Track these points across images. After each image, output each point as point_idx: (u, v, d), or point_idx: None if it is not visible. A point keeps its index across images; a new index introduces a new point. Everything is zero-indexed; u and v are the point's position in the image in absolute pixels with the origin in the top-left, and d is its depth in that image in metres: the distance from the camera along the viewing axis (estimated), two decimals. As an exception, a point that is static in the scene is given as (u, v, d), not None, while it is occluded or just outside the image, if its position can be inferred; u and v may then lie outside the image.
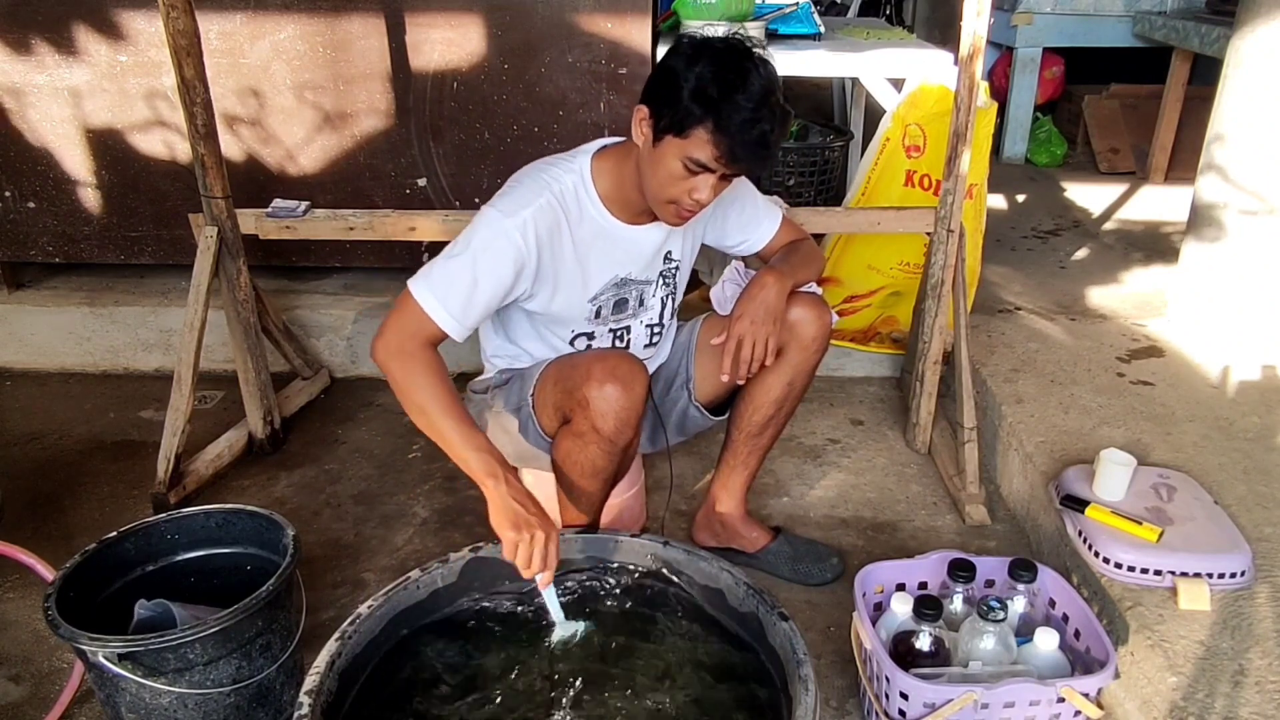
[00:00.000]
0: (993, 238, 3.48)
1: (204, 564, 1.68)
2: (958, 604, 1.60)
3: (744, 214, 1.86)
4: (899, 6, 6.17)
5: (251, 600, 1.44)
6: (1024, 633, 1.55)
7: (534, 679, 1.44)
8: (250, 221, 2.33)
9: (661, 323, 1.86)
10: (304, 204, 2.35)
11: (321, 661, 1.29)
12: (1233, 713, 1.42)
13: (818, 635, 1.83)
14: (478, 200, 2.83)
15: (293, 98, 2.72)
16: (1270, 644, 1.54)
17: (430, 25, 2.64)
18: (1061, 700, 1.40)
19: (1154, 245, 3.57)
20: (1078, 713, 1.42)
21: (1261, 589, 1.65)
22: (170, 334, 2.87)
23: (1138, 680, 1.56)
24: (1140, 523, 1.72)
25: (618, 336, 1.81)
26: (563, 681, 1.43)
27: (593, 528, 1.74)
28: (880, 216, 2.40)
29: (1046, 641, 1.49)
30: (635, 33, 2.64)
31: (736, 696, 1.40)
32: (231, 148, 2.74)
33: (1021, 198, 4.23)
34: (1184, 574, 1.65)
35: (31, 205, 2.85)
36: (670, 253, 1.78)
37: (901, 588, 1.66)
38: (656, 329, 1.86)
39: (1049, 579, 1.63)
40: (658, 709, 1.38)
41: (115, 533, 1.60)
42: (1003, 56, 5.00)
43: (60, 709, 1.60)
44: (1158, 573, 1.66)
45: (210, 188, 2.21)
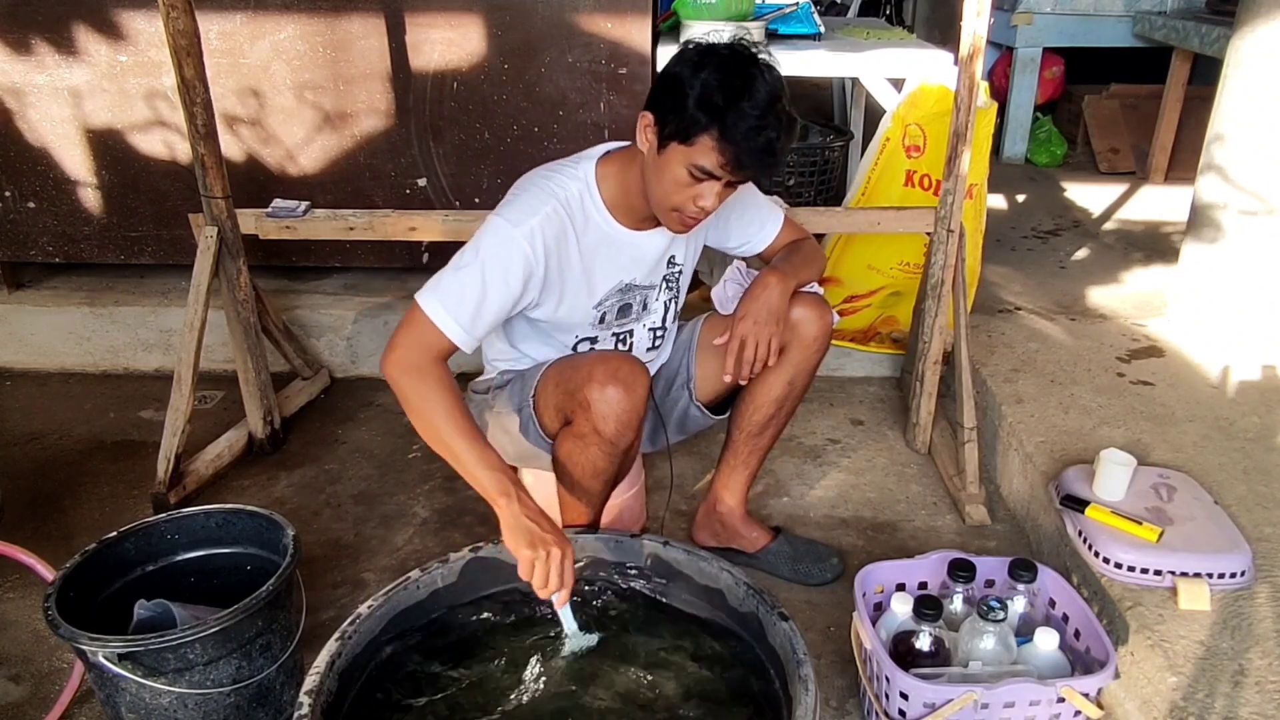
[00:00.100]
0: (993, 238, 3.48)
1: (204, 564, 1.68)
2: (958, 604, 1.60)
3: (746, 216, 1.85)
4: (899, 6, 6.17)
5: (251, 600, 1.44)
6: (1024, 633, 1.55)
7: (534, 679, 1.44)
8: (250, 221, 2.33)
9: (664, 326, 1.86)
10: (304, 204, 2.35)
11: (321, 661, 1.29)
12: (1233, 713, 1.42)
13: (818, 635, 1.83)
14: (478, 200, 2.84)
15: (293, 98, 2.72)
16: (1270, 644, 1.54)
17: (430, 25, 2.64)
18: (1061, 700, 1.40)
19: (1154, 245, 3.57)
20: (1078, 713, 1.42)
21: (1261, 589, 1.65)
22: (170, 334, 2.88)
23: (1138, 680, 1.56)
24: (1140, 523, 1.72)
25: (620, 340, 1.81)
26: (563, 681, 1.43)
27: (593, 528, 1.74)
28: (880, 216, 2.40)
29: (1046, 641, 1.49)
30: (635, 33, 2.64)
31: (736, 697, 1.40)
32: (231, 148, 2.74)
33: (1021, 198, 4.23)
34: (1184, 574, 1.65)
35: (31, 205, 2.85)
36: (674, 257, 1.78)
37: (901, 588, 1.66)
38: (659, 332, 1.86)
39: (1049, 579, 1.63)
40: (658, 708, 1.38)
41: (115, 533, 1.60)
42: (1003, 56, 5.00)
43: (60, 709, 1.60)
44: (1158, 573, 1.66)
45: (210, 188, 2.21)
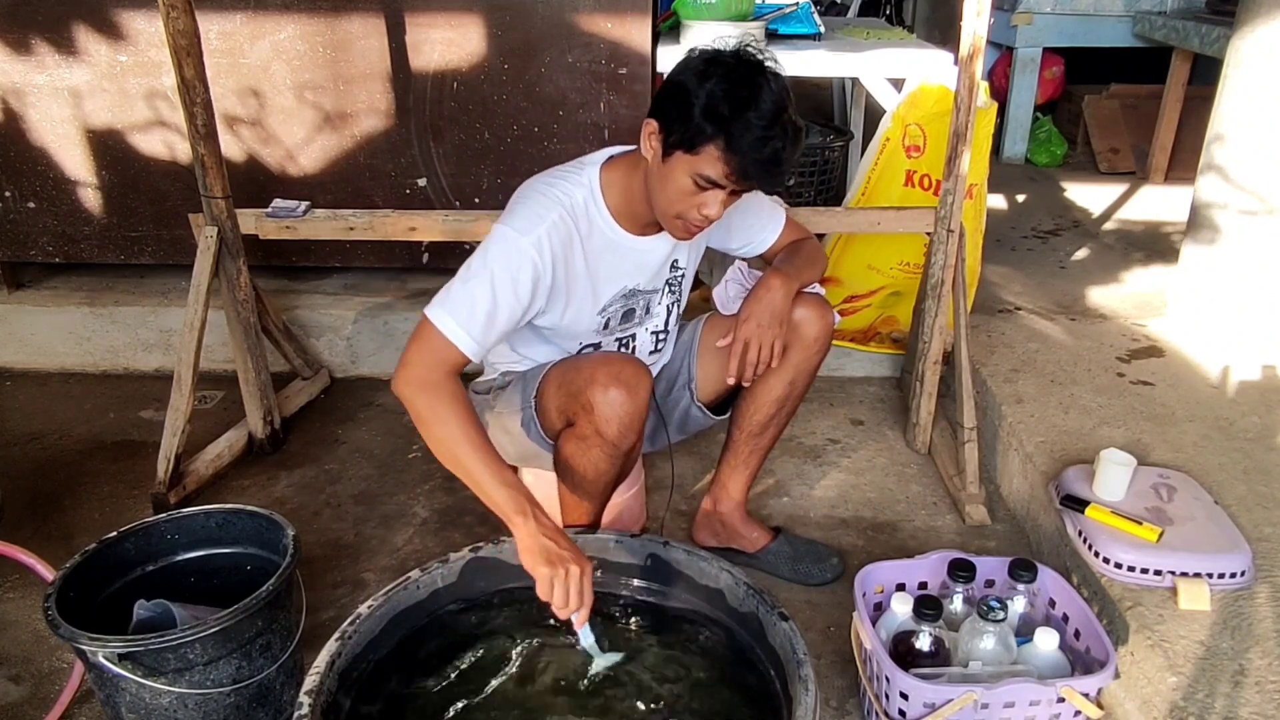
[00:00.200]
0: (993, 238, 3.48)
1: (204, 564, 1.68)
2: (958, 604, 1.60)
3: (748, 217, 1.85)
4: (899, 6, 6.17)
5: (251, 600, 1.44)
6: (1024, 633, 1.55)
7: (535, 679, 1.44)
8: (250, 221, 2.33)
9: (666, 329, 1.87)
10: (304, 204, 2.35)
11: (321, 661, 1.29)
12: (1233, 713, 1.42)
13: (818, 635, 1.83)
14: (478, 200, 2.84)
15: (293, 98, 2.72)
16: (1270, 644, 1.54)
17: (430, 25, 2.64)
18: (1061, 700, 1.40)
19: (1154, 245, 3.57)
20: (1078, 713, 1.42)
21: (1261, 589, 1.65)
22: (170, 334, 2.87)
23: (1138, 680, 1.56)
24: (1140, 523, 1.72)
25: (623, 345, 1.81)
26: (563, 681, 1.43)
27: (593, 528, 1.74)
28: (880, 216, 2.39)
29: (1046, 641, 1.49)
30: (635, 33, 2.64)
31: (736, 696, 1.41)
32: (231, 148, 2.74)
33: (1021, 198, 4.23)
34: (1184, 574, 1.65)
35: (31, 205, 2.85)
36: (677, 261, 1.78)
37: (901, 588, 1.66)
38: (661, 335, 1.87)
39: (1049, 579, 1.63)
40: (658, 708, 1.38)
41: (115, 533, 1.60)
42: (1003, 56, 5.00)
43: (60, 709, 1.60)
44: (1158, 573, 1.66)
45: (210, 188, 2.21)
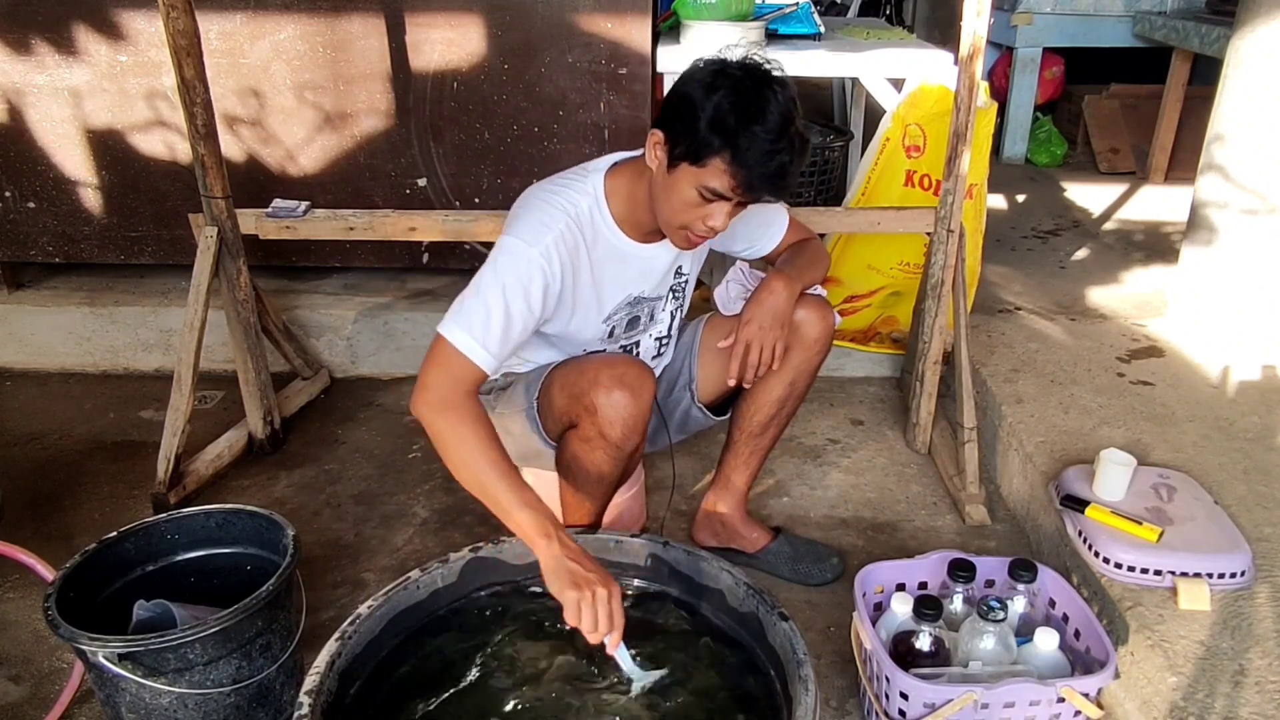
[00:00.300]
0: (993, 238, 3.48)
1: (204, 564, 1.68)
2: (958, 604, 1.60)
3: (752, 221, 1.83)
4: (899, 6, 6.17)
5: (251, 600, 1.44)
6: (1024, 633, 1.55)
7: (534, 679, 1.43)
8: (250, 221, 2.33)
9: (669, 334, 1.87)
10: (304, 204, 2.35)
11: (321, 661, 1.29)
12: (1233, 713, 1.42)
13: (818, 635, 1.83)
14: (478, 200, 2.84)
15: (293, 98, 2.72)
16: (1270, 644, 1.54)
17: (430, 25, 2.64)
18: (1061, 700, 1.40)
19: (1154, 245, 3.57)
20: (1078, 713, 1.42)
21: (1261, 589, 1.65)
22: (170, 334, 2.87)
23: (1138, 680, 1.56)
24: (1140, 523, 1.72)
25: (627, 351, 1.81)
26: (563, 681, 1.43)
27: (594, 528, 1.74)
28: (880, 216, 2.39)
29: (1046, 641, 1.49)
30: (635, 33, 2.64)
31: (736, 697, 1.40)
32: (231, 148, 2.74)
33: (1021, 198, 4.23)
34: (1184, 574, 1.65)
35: (31, 205, 2.85)
36: (681, 267, 1.78)
37: (901, 588, 1.66)
38: (664, 340, 1.87)
39: (1049, 579, 1.63)
40: (658, 708, 1.38)
41: (115, 533, 1.60)
42: (1003, 56, 5.00)
43: (60, 709, 1.60)
44: (1158, 573, 1.66)
45: (210, 188, 2.21)
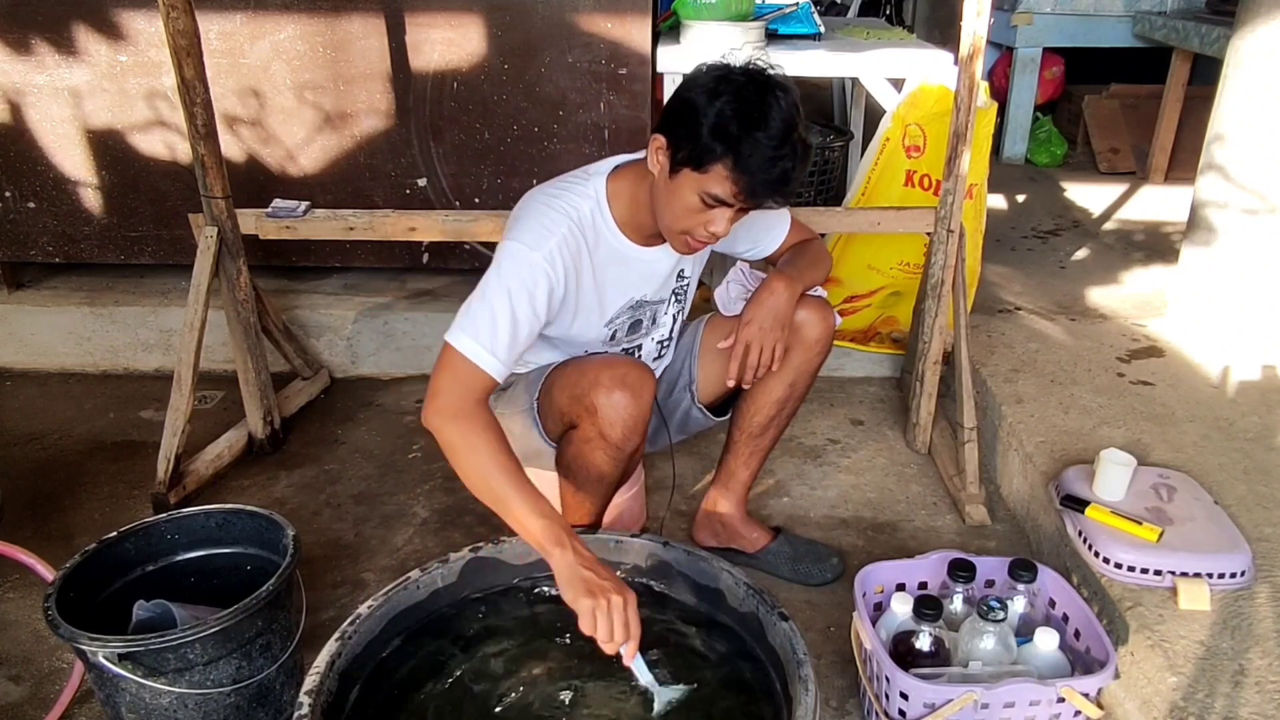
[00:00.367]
0: (993, 238, 3.48)
1: (204, 564, 1.68)
2: (958, 604, 1.60)
3: (753, 223, 1.82)
4: (899, 6, 6.17)
5: (251, 600, 1.44)
6: (1024, 633, 1.55)
7: (534, 679, 1.44)
8: (250, 221, 2.33)
9: (671, 337, 1.87)
10: (304, 204, 2.35)
11: (321, 661, 1.29)
12: (1233, 713, 1.42)
13: (818, 635, 1.83)
14: (478, 200, 2.84)
15: (293, 98, 2.72)
16: (1270, 644, 1.54)
17: (430, 25, 2.64)
18: (1061, 700, 1.40)
19: (1154, 245, 3.57)
20: (1078, 713, 1.42)
21: (1261, 589, 1.65)
22: (170, 334, 2.87)
23: (1138, 680, 1.56)
24: (1140, 523, 1.72)
25: (628, 353, 1.81)
26: (563, 682, 1.43)
27: (594, 528, 1.74)
28: (880, 216, 2.39)
29: (1046, 641, 1.49)
30: (635, 33, 2.64)
31: (736, 697, 1.40)
32: (231, 148, 2.74)
33: (1021, 198, 4.23)
34: (1184, 574, 1.65)
35: (31, 205, 2.85)
36: (683, 271, 1.78)
37: (901, 588, 1.66)
38: (665, 343, 1.87)
39: (1049, 579, 1.63)
40: (658, 710, 1.38)
41: (115, 533, 1.60)
42: (1003, 56, 5.00)
43: (60, 709, 1.60)
44: (1158, 573, 1.66)
45: (210, 188, 2.21)
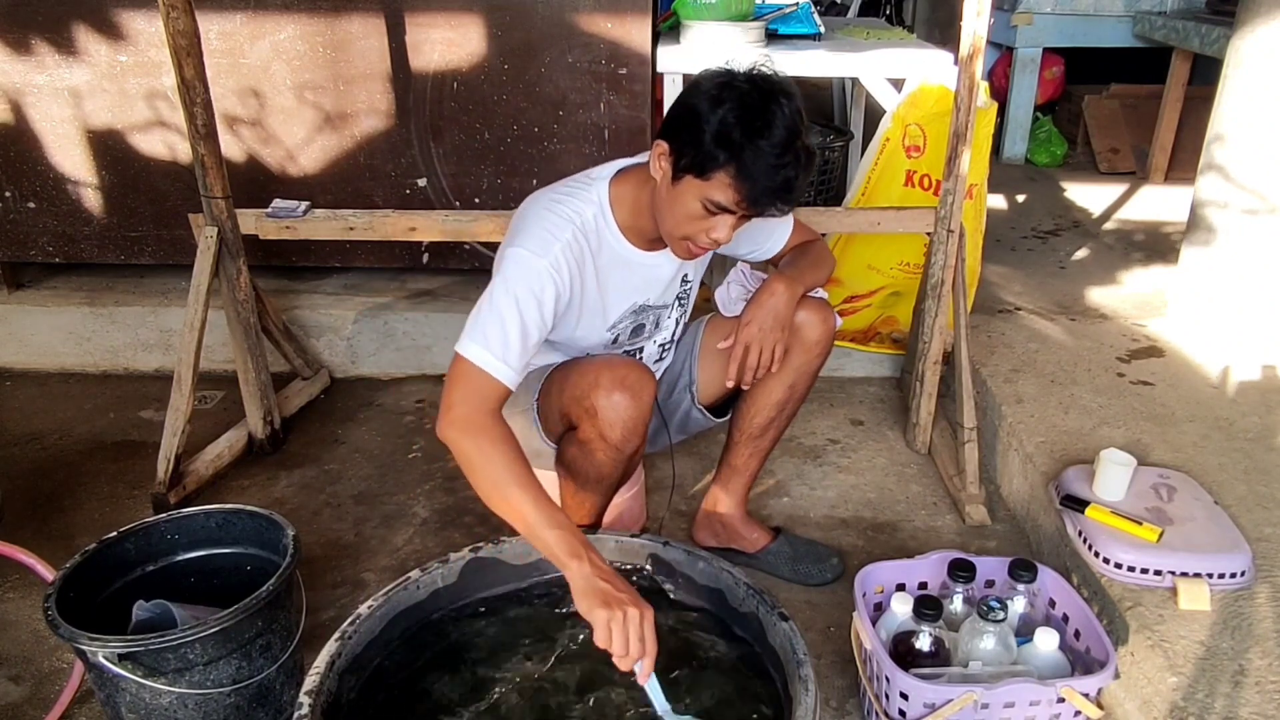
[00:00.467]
0: (993, 238, 3.48)
1: (204, 564, 1.68)
2: (958, 604, 1.60)
3: (756, 227, 1.80)
4: (899, 6, 6.17)
5: (251, 600, 1.44)
6: (1024, 633, 1.55)
7: (535, 679, 1.44)
8: (250, 221, 2.33)
9: (673, 340, 1.87)
10: (304, 204, 2.35)
11: (321, 661, 1.29)
12: (1233, 713, 1.42)
13: (818, 635, 1.83)
14: (478, 200, 2.84)
15: (293, 98, 2.72)
16: (1270, 644, 1.54)
17: (430, 25, 2.64)
18: (1061, 700, 1.40)
19: (1154, 245, 3.57)
20: (1078, 713, 1.42)
21: (1261, 589, 1.65)
22: (170, 334, 2.87)
23: (1138, 680, 1.56)
24: (1140, 523, 1.72)
25: (629, 355, 1.81)
26: (563, 682, 1.43)
27: (594, 528, 1.74)
28: (880, 216, 2.39)
29: (1046, 641, 1.49)
30: (635, 33, 2.64)
31: (736, 697, 1.40)
32: (231, 148, 2.74)
33: (1021, 198, 4.23)
34: (1184, 574, 1.65)
35: (31, 205, 2.85)
36: (686, 275, 1.78)
37: (901, 588, 1.66)
38: (667, 346, 1.87)
39: (1049, 579, 1.63)
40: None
41: (115, 533, 1.60)
42: (1003, 56, 5.00)
43: (60, 709, 1.60)
44: (1158, 573, 1.66)
45: (210, 188, 2.21)
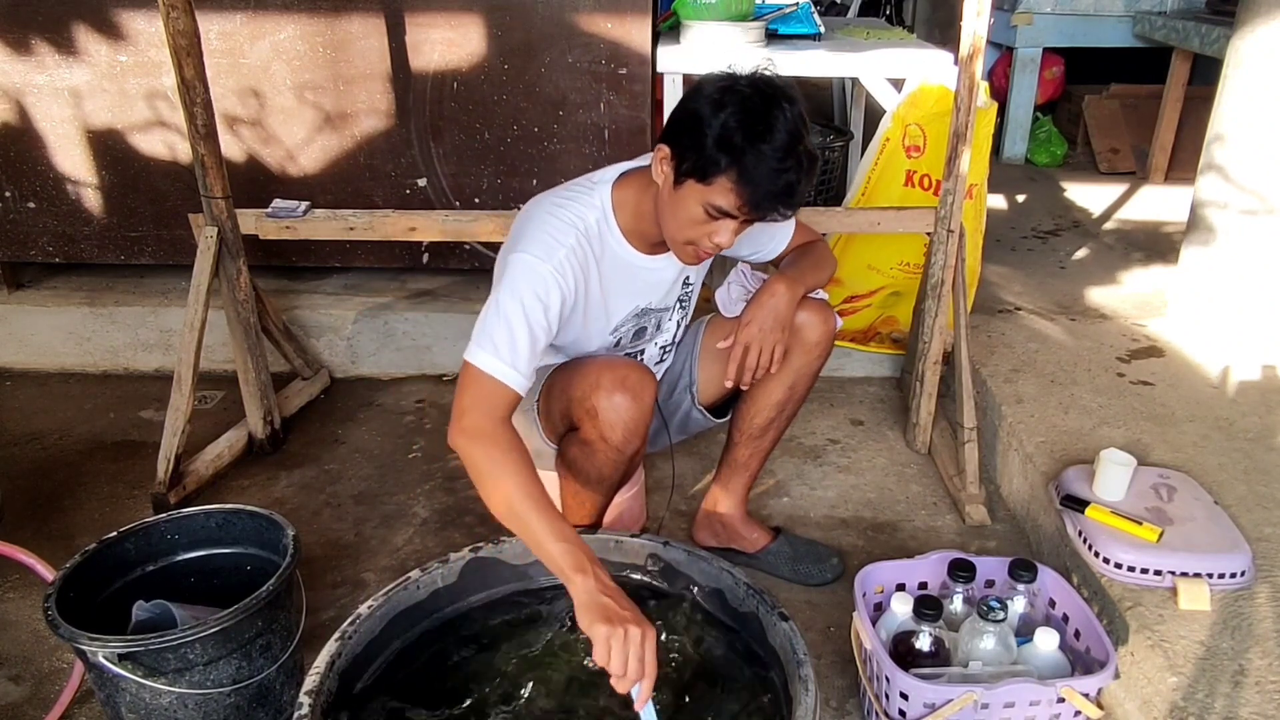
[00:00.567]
0: (993, 238, 3.48)
1: (204, 564, 1.68)
2: (958, 604, 1.60)
3: (758, 229, 1.78)
4: (899, 6, 6.17)
5: (251, 600, 1.44)
6: (1024, 633, 1.55)
7: (534, 680, 1.43)
8: (250, 221, 2.33)
9: (674, 342, 1.87)
10: (304, 204, 2.35)
11: (321, 661, 1.29)
12: (1233, 713, 1.42)
13: (818, 635, 1.83)
14: (478, 200, 2.84)
15: (293, 98, 2.72)
16: (1270, 644, 1.54)
17: (430, 25, 2.64)
18: (1061, 700, 1.40)
19: (1154, 245, 3.57)
20: (1078, 713, 1.42)
21: (1261, 589, 1.65)
22: (170, 334, 2.87)
23: (1138, 680, 1.56)
24: (1140, 523, 1.72)
25: (630, 357, 1.81)
26: (564, 682, 1.43)
27: (594, 528, 1.74)
28: (880, 216, 2.39)
29: (1046, 641, 1.49)
30: (635, 33, 2.64)
31: (736, 697, 1.40)
32: (231, 148, 2.74)
33: (1021, 198, 4.23)
34: (1184, 574, 1.65)
35: (31, 205, 2.85)
36: (688, 278, 1.78)
37: (901, 588, 1.66)
38: (668, 347, 1.87)
39: (1049, 579, 1.63)
40: (657, 709, 1.38)
41: (115, 533, 1.60)
42: (1003, 56, 5.00)
43: (60, 709, 1.60)
44: (1158, 573, 1.66)
45: (210, 188, 2.21)
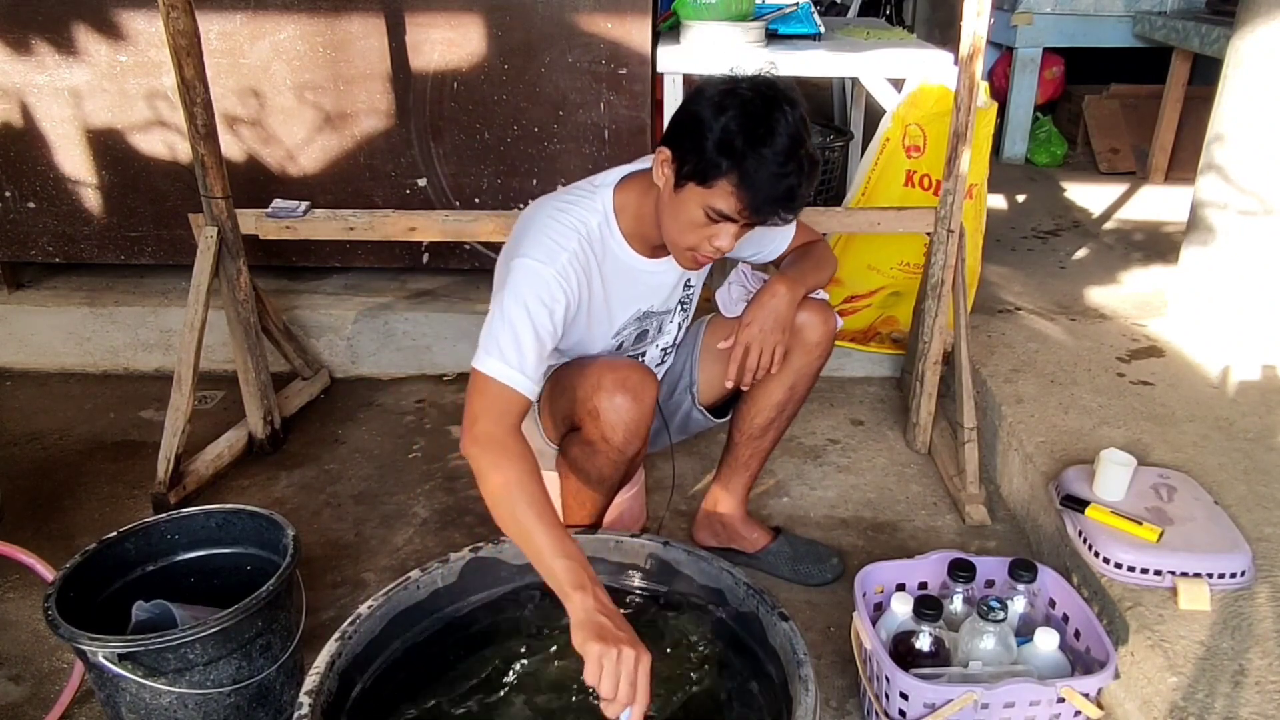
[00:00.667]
0: (993, 238, 3.48)
1: (204, 564, 1.68)
2: (958, 604, 1.60)
3: (759, 229, 1.81)
4: (899, 6, 6.17)
5: (251, 600, 1.44)
6: (1024, 633, 1.55)
7: (534, 680, 1.44)
8: (250, 221, 2.33)
9: (675, 343, 1.87)
10: (304, 204, 2.36)
11: (321, 661, 1.29)
12: (1233, 713, 1.42)
13: (818, 635, 1.83)
14: (478, 200, 2.84)
15: (293, 98, 2.72)
16: (1270, 644, 1.54)
17: (430, 25, 2.64)
18: (1061, 700, 1.40)
19: (1154, 245, 3.57)
20: (1078, 713, 1.42)
21: (1261, 589, 1.65)
22: (170, 334, 2.87)
23: (1138, 680, 1.56)
24: (1140, 523, 1.72)
25: (631, 359, 1.81)
26: (563, 682, 1.43)
27: (594, 528, 1.74)
28: (880, 216, 2.39)
29: (1046, 641, 1.49)
30: (635, 33, 2.64)
31: (736, 697, 1.40)
32: (231, 148, 2.74)
33: (1021, 198, 4.23)
34: (1184, 574, 1.65)
35: (31, 205, 2.85)
36: (689, 280, 1.78)
37: (901, 588, 1.66)
38: (669, 349, 1.87)
39: (1049, 579, 1.63)
40: (657, 709, 1.38)
41: (115, 533, 1.60)
42: (1003, 56, 5.00)
43: (60, 709, 1.60)
44: (1158, 573, 1.66)
45: (210, 188, 2.21)
